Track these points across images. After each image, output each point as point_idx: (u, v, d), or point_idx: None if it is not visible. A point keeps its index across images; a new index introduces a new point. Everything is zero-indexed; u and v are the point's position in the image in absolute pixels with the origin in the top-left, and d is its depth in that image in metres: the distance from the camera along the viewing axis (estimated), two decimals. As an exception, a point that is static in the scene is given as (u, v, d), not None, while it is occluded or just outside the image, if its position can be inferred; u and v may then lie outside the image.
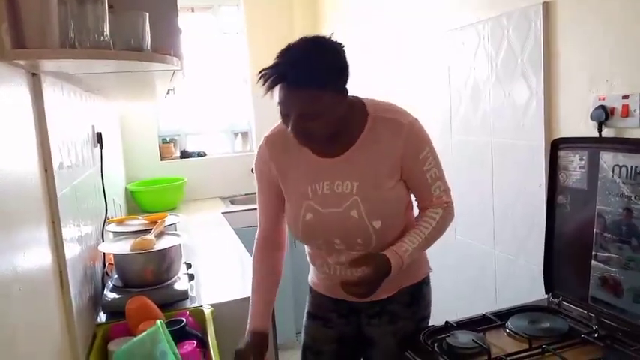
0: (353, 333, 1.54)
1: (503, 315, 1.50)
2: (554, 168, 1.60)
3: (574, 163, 1.55)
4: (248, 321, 1.41)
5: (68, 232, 1.28)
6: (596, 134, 1.54)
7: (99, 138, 1.91)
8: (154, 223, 1.90)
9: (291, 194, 1.40)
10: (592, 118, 1.56)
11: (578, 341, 1.33)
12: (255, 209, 1.53)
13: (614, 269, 1.40)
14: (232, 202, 3.43)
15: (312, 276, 1.59)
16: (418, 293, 1.51)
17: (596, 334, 1.35)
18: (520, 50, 1.78)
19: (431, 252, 2.27)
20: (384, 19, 2.66)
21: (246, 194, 3.56)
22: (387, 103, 1.39)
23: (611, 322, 1.37)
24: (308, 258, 1.54)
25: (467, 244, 2.14)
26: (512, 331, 1.41)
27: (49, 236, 1.16)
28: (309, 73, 1.18)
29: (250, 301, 1.45)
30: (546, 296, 1.59)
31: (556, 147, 1.61)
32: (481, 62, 1.97)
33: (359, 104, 1.36)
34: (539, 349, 1.30)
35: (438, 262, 2.28)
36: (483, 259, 2.03)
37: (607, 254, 1.42)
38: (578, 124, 1.61)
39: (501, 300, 1.90)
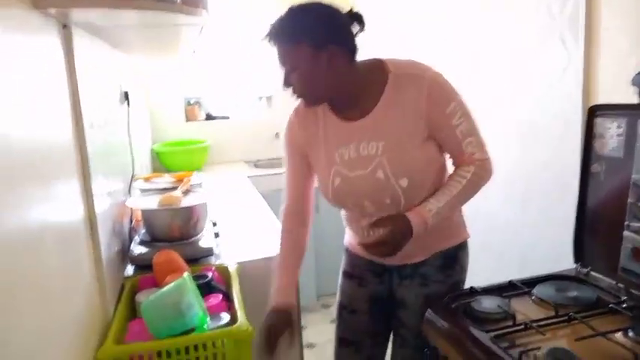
0: (386, 293, 1.55)
1: (530, 283, 1.48)
2: (589, 135, 1.55)
3: (611, 131, 1.50)
4: (272, 296, 1.38)
5: (98, 186, 1.30)
6: (636, 101, 1.48)
7: (126, 95, 1.92)
8: (180, 181, 1.92)
9: (320, 161, 1.41)
10: (633, 83, 1.49)
11: (606, 311, 1.31)
12: (280, 174, 1.54)
13: (647, 240, 1.36)
14: (256, 166, 3.44)
15: (347, 237, 1.60)
16: (452, 257, 1.50)
17: (624, 305, 1.32)
18: (559, 13, 1.71)
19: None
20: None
21: (269, 159, 3.56)
22: (409, 60, 1.35)
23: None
24: (343, 221, 1.54)
25: (495, 212, 2.11)
26: (539, 299, 1.40)
27: (80, 190, 1.18)
28: (282, 31, 1.27)
29: (275, 276, 1.44)
30: (575, 266, 1.57)
31: (593, 114, 1.55)
32: (519, 25, 1.89)
33: (378, 64, 1.34)
34: (566, 317, 1.28)
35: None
36: (512, 226, 2.00)
37: (640, 225, 1.38)
38: (617, 90, 1.55)
39: (528, 269, 1.87)
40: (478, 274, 2.22)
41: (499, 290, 1.46)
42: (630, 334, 1.19)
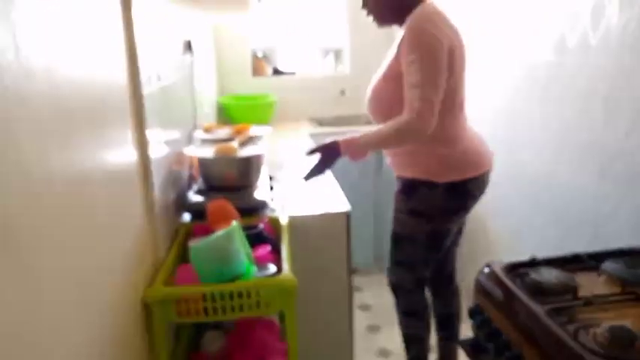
0: None
1: (599, 256, 1.36)
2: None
3: None
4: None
5: (154, 132, 1.32)
6: None
7: (189, 45, 1.92)
8: (240, 132, 1.92)
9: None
10: None
11: (682, 292, 1.19)
12: (344, 132, 1.75)
13: None
14: (321, 124, 3.41)
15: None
16: (410, 187, 1.72)
17: None
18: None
19: (523, 185, 2.11)
20: None
21: (334, 116, 3.51)
22: (432, 13, 1.57)
23: None
24: None
25: (567, 180, 1.95)
26: (606, 274, 1.28)
27: (135, 135, 1.20)
28: None
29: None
30: (652, 242, 1.43)
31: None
32: None
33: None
34: (634, 295, 1.17)
35: (531, 197, 2.14)
36: (585, 197, 1.85)
37: None
38: None
39: (600, 244, 1.74)
40: (544, 246, 2.10)
41: (563, 262, 1.35)
42: None
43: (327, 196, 1.85)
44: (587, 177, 1.83)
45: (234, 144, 1.72)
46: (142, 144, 1.24)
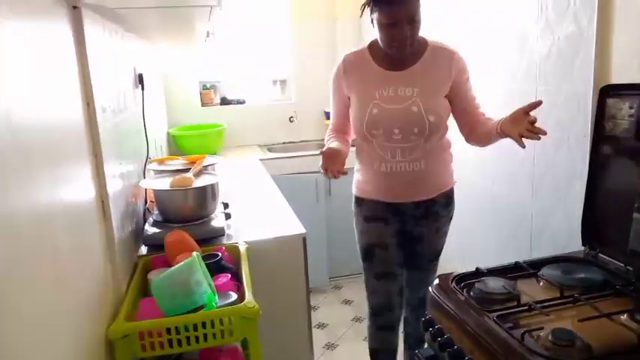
0: (403, 231, 1.88)
1: (537, 264, 1.48)
2: (601, 116, 1.53)
3: (623, 112, 1.48)
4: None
5: (110, 167, 1.33)
6: (650, 81, 1.45)
7: (140, 79, 1.94)
8: (194, 163, 1.95)
9: (360, 97, 1.77)
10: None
11: (612, 293, 1.31)
12: (294, 157, 2.13)
13: (656, 222, 1.35)
14: (270, 150, 3.46)
15: (363, 187, 1.87)
16: (451, 196, 1.89)
17: (631, 287, 1.32)
18: (574, -10, 1.67)
19: (468, 200, 2.25)
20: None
21: (283, 142, 3.58)
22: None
23: (650, 276, 1.34)
24: (360, 170, 1.88)
25: (505, 194, 2.10)
26: (545, 280, 1.40)
27: (92, 170, 1.21)
28: None
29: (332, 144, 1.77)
30: (583, 248, 1.56)
31: (605, 94, 1.53)
32: (530, 5, 1.86)
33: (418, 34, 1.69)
34: (571, 299, 1.28)
35: (474, 211, 2.27)
36: (520, 209, 1.99)
37: (651, 207, 1.37)
38: (629, 70, 1.51)
39: (537, 252, 1.87)
40: (487, 255, 2.23)
41: (505, 271, 1.46)
42: (635, 315, 1.19)
43: (282, 220, 1.90)
44: (522, 191, 1.98)
45: (189, 175, 1.74)
46: (99, 179, 1.25)
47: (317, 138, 3.42)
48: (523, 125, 1.50)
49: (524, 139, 1.50)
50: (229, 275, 1.43)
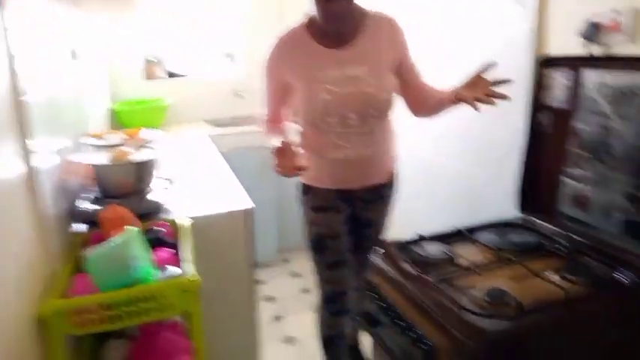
0: (353, 216, 1.79)
1: (475, 230, 1.53)
2: (539, 87, 1.58)
3: (559, 82, 1.52)
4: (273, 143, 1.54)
5: (40, 142, 1.26)
6: (584, 52, 1.49)
7: (76, 52, 1.85)
8: (133, 137, 1.88)
9: (306, 83, 1.59)
10: (581, 34, 1.50)
11: (544, 254, 1.37)
12: (243, 132, 1.93)
13: (586, 186, 1.41)
14: (218, 125, 3.39)
15: (313, 176, 1.72)
16: (396, 175, 1.81)
17: (562, 248, 1.38)
18: (512, -38, 1.70)
19: (412, 171, 2.28)
20: None
21: (230, 117, 3.51)
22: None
23: (578, 237, 1.40)
24: (307, 157, 1.64)
25: (446, 164, 2.14)
26: (482, 244, 1.45)
27: (18, 145, 1.14)
28: None
29: (272, 140, 1.60)
30: (519, 214, 1.62)
31: (543, 65, 1.58)
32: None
33: (355, 4, 1.57)
34: (506, 260, 1.33)
35: (416, 180, 2.31)
36: (463, 179, 2.04)
37: (581, 172, 1.43)
38: (567, 42, 1.55)
39: (476, 218, 1.93)
40: (430, 222, 2.28)
41: (446, 237, 1.50)
42: (564, 274, 1.25)
43: (228, 195, 1.87)
44: (463, 161, 2.02)
45: (128, 149, 1.68)
46: (26, 154, 1.18)
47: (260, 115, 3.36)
48: (480, 89, 1.44)
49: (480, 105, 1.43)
50: (171, 250, 1.40)
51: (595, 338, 1.17)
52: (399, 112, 1.80)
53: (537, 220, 1.56)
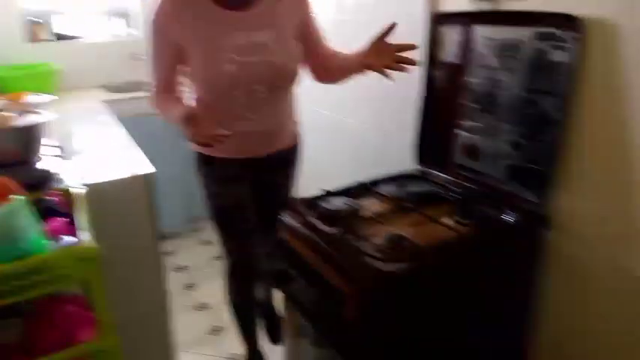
0: (256, 182, 1.72)
1: (377, 183, 1.59)
2: (433, 43, 1.64)
3: (451, 38, 1.59)
4: (178, 113, 1.41)
5: None
6: (474, 8, 1.56)
7: None
8: (18, 103, 1.72)
9: (206, 49, 1.44)
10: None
11: (439, 201, 1.46)
12: (141, 98, 1.62)
13: (476, 136, 1.50)
14: (115, 90, 3.20)
15: (218, 147, 1.55)
16: (300, 143, 1.77)
17: (455, 195, 1.47)
18: None
19: (317, 130, 2.30)
20: None
21: (128, 82, 3.31)
22: None
23: (470, 185, 1.50)
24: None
25: (347, 122, 2.19)
26: (383, 195, 1.51)
27: None
28: None
29: (170, 114, 1.48)
30: (416, 166, 1.70)
31: (436, 22, 1.63)
32: None
33: None
34: (404, 209, 1.40)
35: (321, 138, 2.34)
36: (363, 133, 2.10)
37: (471, 123, 1.52)
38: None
39: (378, 172, 1.98)
40: (335, 178, 2.32)
41: (349, 191, 1.54)
42: (457, 218, 1.33)
43: (126, 161, 1.78)
44: (364, 119, 2.08)
45: (9, 113, 1.54)
46: None
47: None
48: (387, 56, 1.40)
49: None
50: (64, 220, 1.32)
51: (486, 272, 1.27)
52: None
53: (433, 171, 1.64)
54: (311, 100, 2.30)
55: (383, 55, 1.40)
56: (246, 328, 1.91)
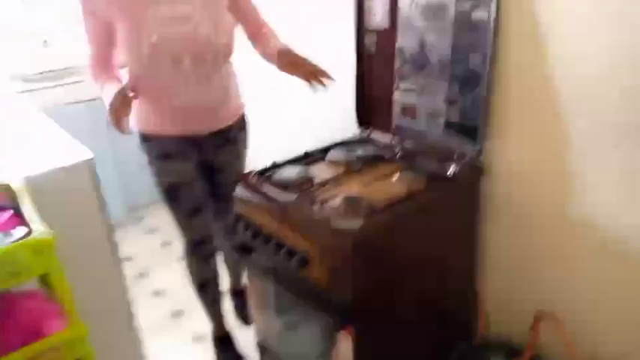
0: (203, 162, 1.73)
1: (324, 150, 1.64)
2: (360, 9, 1.69)
3: (378, 4, 1.65)
4: (109, 90, 1.45)
5: None
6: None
7: None
8: None
9: (129, 21, 1.44)
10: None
11: (384, 161, 1.54)
12: (61, 84, 1.74)
13: (412, 97, 1.59)
14: (28, 80, 2.99)
15: (152, 122, 1.62)
16: (246, 117, 1.78)
17: (398, 155, 1.56)
18: None
19: (257, 103, 2.31)
20: None
21: (42, 72, 3.11)
22: None
23: (411, 144, 1.60)
24: (144, 102, 1.58)
25: (290, 95, 2.21)
26: (332, 161, 1.57)
27: None
28: None
29: (104, 88, 1.51)
30: (359, 131, 1.77)
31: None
32: None
33: None
34: (354, 171, 1.47)
35: (266, 112, 2.36)
36: (304, 105, 2.13)
37: (406, 85, 1.60)
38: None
39: (322, 141, 2.04)
40: (283, 150, 2.36)
41: (298, 161, 1.59)
42: (403, 174, 1.42)
43: (61, 149, 1.70)
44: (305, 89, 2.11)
45: None
46: None
47: (83, 63, 3.04)
48: (305, 71, 1.51)
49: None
50: (9, 213, 1.26)
51: (434, 221, 1.38)
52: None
53: (375, 134, 1.72)
54: (251, 74, 2.31)
55: (298, 67, 1.52)
56: (210, 305, 1.92)
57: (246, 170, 1.83)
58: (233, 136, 1.73)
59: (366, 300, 1.26)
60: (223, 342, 1.98)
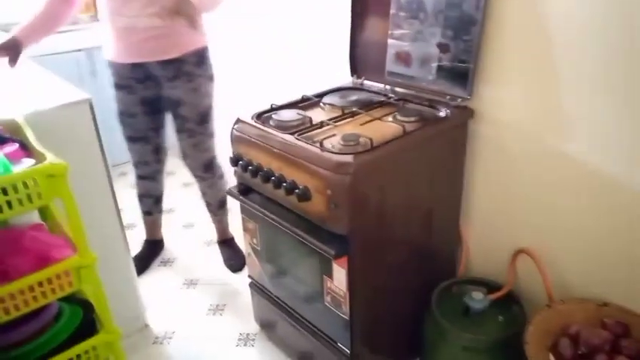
0: (154, 97, 1.91)
1: (320, 95, 1.69)
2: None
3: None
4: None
5: None
6: None
7: None
8: None
9: None
10: None
11: (379, 105, 1.60)
12: None
13: (406, 43, 1.63)
14: (7, 31, 2.90)
15: (107, 47, 1.81)
16: (205, 54, 1.87)
17: (391, 99, 1.62)
18: None
19: (248, 53, 2.30)
20: None
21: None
22: None
23: (403, 89, 1.66)
24: (103, 27, 1.74)
25: (282, 47, 2.23)
26: (328, 105, 1.62)
27: None
28: None
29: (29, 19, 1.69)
30: (352, 78, 1.82)
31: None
32: None
33: None
34: (350, 113, 1.53)
35: (259, 61, 2.36)
36: (298, 53, 2.16)
37: (400, 31, 1.64)
38: None
39: (317, 87, 2.06)
40: (276, 94, 2.38)
41: (295, 104, 1.64)
42: (397, 116, 1.49)
43: (57, 90, 1.70)
44: (298, 38, 2.13)
45: None
46: None
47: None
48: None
49: None
50: (16, 145, 1.29)
51: (428, 159, 1.45)
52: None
53: (367, 81, 1.78)
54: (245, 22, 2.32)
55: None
56: (144, 214, 2.25)
57: (212, 108, 1.98)
58: (187, 70, 1.81)
59: (361, 233, 1.32)
60: (150, 244, 2.34)
